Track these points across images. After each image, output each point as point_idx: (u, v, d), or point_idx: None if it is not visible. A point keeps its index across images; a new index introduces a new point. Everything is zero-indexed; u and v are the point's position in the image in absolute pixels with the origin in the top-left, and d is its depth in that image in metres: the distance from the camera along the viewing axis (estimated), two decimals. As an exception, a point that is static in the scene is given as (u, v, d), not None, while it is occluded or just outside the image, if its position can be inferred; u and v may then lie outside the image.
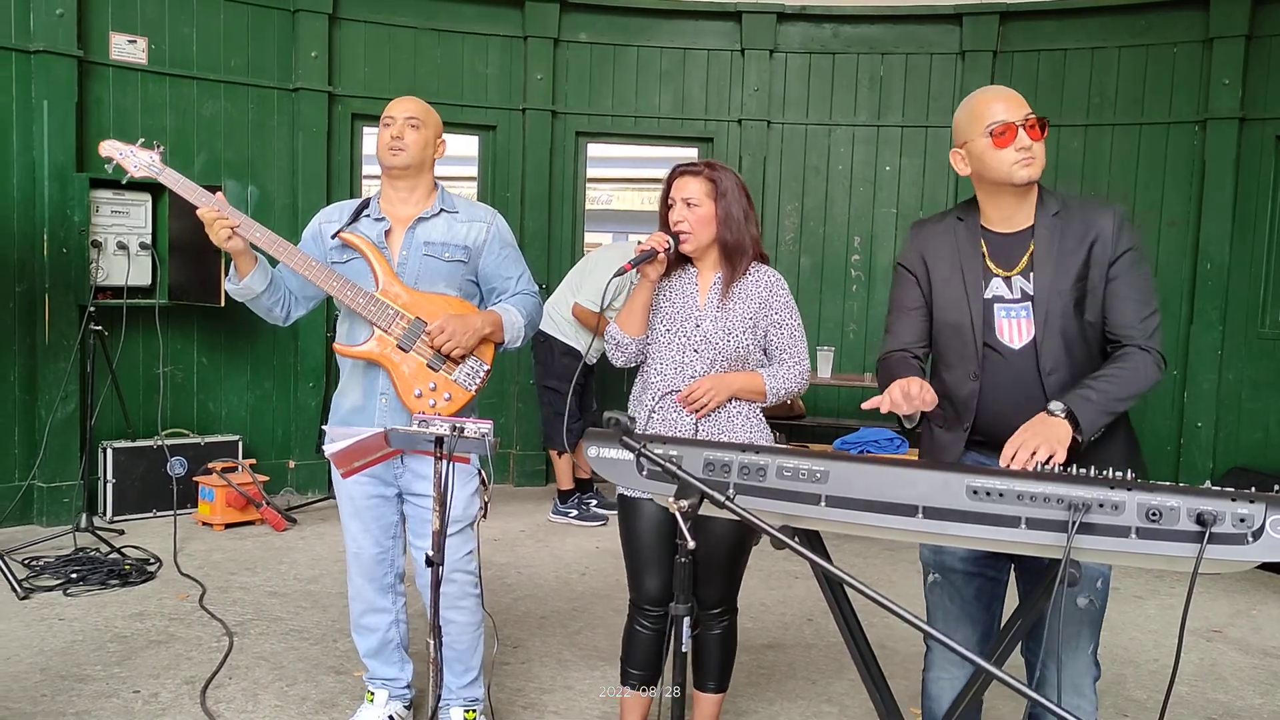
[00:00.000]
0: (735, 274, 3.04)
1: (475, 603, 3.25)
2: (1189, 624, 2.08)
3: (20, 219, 5.57)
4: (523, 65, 7.11)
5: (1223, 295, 6.42)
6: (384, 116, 3.19)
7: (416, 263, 3.16)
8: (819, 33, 7.29)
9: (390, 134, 3.14)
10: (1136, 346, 2.43)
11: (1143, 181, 6.73)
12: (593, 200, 8.65)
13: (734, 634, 3.24)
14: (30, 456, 5.68)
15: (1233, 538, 1.92)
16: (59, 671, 3.78)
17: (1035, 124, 2.44)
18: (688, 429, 3.00)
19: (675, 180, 3.05)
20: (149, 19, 6.04)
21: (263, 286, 3.12)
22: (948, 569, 2.68)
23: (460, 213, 3.25)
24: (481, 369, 3.19)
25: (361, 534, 3.27)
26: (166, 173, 3.10)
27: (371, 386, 3.17)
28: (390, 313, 3.09)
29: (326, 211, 3.32)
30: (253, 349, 6.43)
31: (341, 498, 3.28)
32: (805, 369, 3.11)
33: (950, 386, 2.57)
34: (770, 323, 3.06)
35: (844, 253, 7.37)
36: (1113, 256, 2.47)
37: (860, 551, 5.43)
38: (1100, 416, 2.34)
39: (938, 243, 2.62)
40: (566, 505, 6.31)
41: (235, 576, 4.94)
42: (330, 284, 3.07)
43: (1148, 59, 6.68)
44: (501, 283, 3.30)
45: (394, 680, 3.40)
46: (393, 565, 3.33)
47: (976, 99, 2.52)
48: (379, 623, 3.35)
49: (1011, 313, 2.52)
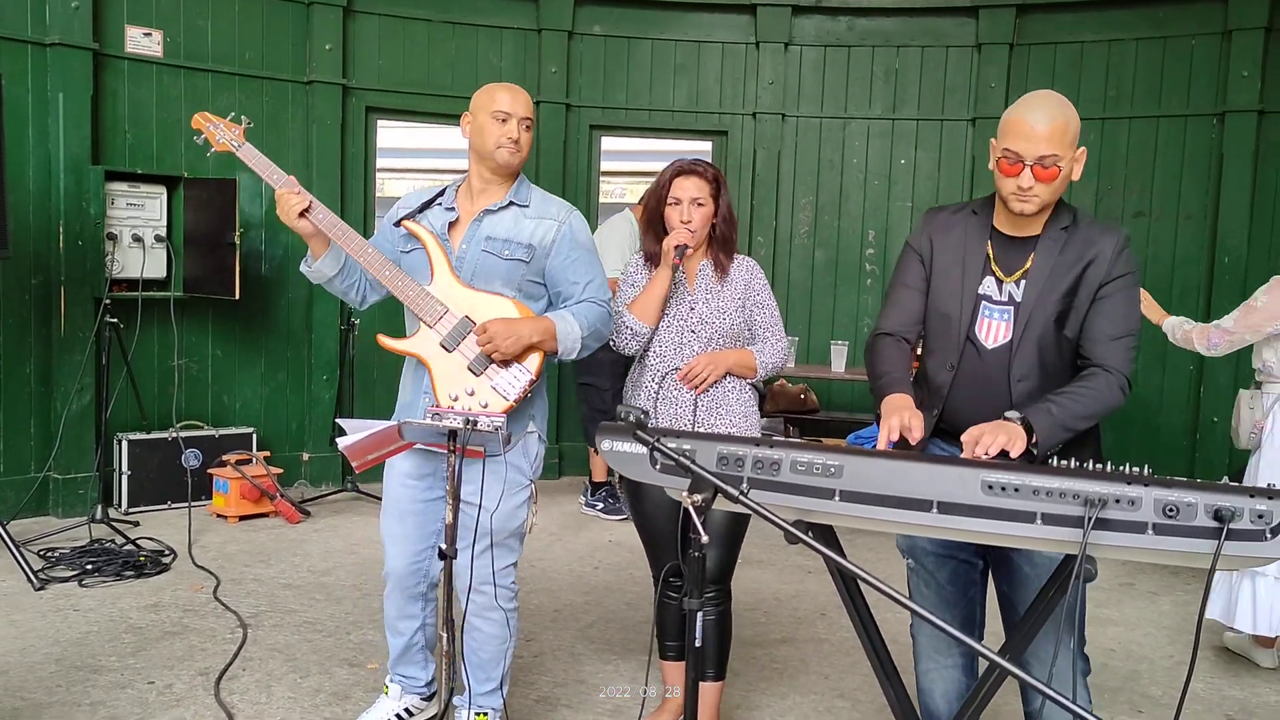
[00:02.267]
0: (728, 261, 3.30)
1: (504, 616, 3.12)
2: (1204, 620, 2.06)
3: (36, 212, 5.59)
4: (537, 58, 7.10)
5: (1240, 289, 6.33)
6: (497, 110, 3.00)
7: (475, 258, 3.02)
8: (834, 26, 7.26)
9: (507, 134, 2.99)
10: (1102, 368, 2.46)
11: (1160, 175, 6.68)
12: (606, 193, 8.62)
13: (729, 619, 3.33)
14: (46, 448, 5.70)
15: (1251, 534, 1.91)
16: (74, 662, 3.79)
17: (1046, 168, 2.40)
18: (688, 405, 3.20)
19: (676, 180, 3.25)
20: (164, 12, 6.05)
21: (334, 270, 3.08)
22: (920, 554, 2.72)
23: (531, 207, 3.08)
24: (525, 378, 2.98)
25: (403, 538, 3.16)
26: (245, 148, 3.14)
27: (419, 384, 3.08)
28: (438, 309, 2.97)
29: (405, 198, 3.22)
30: (267, 342, 6.45)
31: (388, 498, 3.18)
32: (785, 345, 3.37)
33: (929, 371, 2.64)
34: (754, 304, 3.32)
35: (859, 247, 7.35)
36: (1105, 279, 2.48)
37: (873, 546, 5.40)
38: (1058, 431, 2.36)
39: (947, 232, 2.65)
40: (595, 498, 6.32)
41: (249, 568, 4.96)
42: (383, 273, 2.99)
43: (1165, 51, 6.63)
44: (568, 287, 3.08)
45: (413, 679, 3.34)
46: (428, 576, 3.22)
47: (1014, 111, 2.47)
48: (408, 628, 3.28)
49: (993, 314, 2.55)
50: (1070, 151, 2.44)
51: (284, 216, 2.98)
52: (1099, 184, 6.81)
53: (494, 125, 3.01)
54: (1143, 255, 6.59)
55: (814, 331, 7.26)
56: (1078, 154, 2.48)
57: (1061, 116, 2.42)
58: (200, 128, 3.20)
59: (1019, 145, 2.41)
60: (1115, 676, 4.08)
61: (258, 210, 6.32)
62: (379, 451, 2.78)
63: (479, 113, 3.04)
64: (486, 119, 3.02)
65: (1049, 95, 2.52)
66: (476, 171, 3.09)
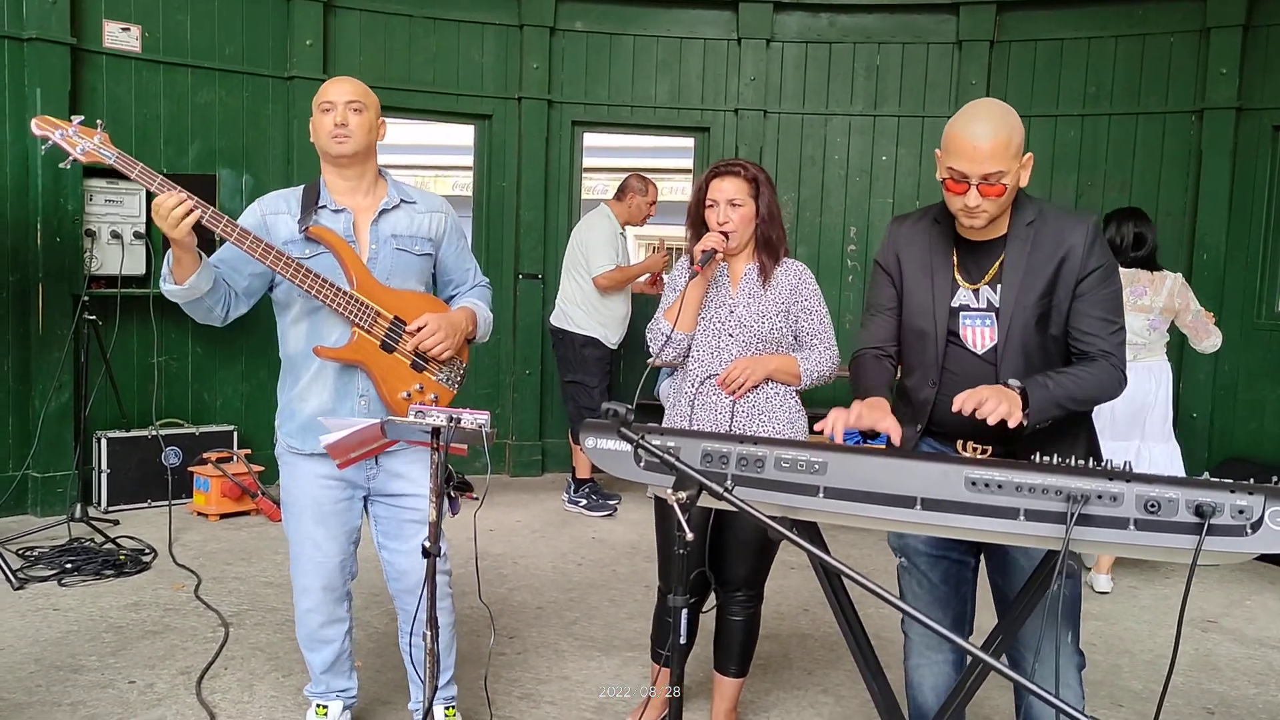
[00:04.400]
0: (773, 263, 3.19)
1: (451, 603, 3.19)
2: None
3: (13, 208, 5.54)
4: (519, 54, 7.08)
5: (1219, 286, 6.41)
6: (321, 101, 2.97)
7: (389, 258, 3.00)
8: (815, 22, 7.27)
9: (333, 120, 2.93)
10: (1103, 354, 2.46)
11: (1139, 172, 6.72)
12: (589, 190, 8.62)
13: (757, 621, 3.33)
14: (24, 446, 5.65)
15: (1232, 529, 1.92)
16: (54, 662, 3.77)
17: (991, 185, 2.37)
18: (726, 410, 3.12)
19: (713, 181, 3.17)
20: (143, 7, 6.00)
21: (209, 285, 2.84)
22: (912, 552, 2.72)
23: (419, 203, 3.11)
24: (461, 367, 3.12)
25: (328, 540, 3.04)
26: (121, 156, 2.76)
27: (346, 388, 2.99)
28: (371, 312, 2.92)
29: (269, 202, 3.01)
30: (247, 339, 6.41)
31: (303, 503, 3.04)
32: (835, 353, 3.25)
33: (910, 389, 2.65)
34: (801, 309, 3.20)
35: (840, 243, 7.37)
36: (1081, 274, 2.47)
37: (855, 543, 5.43)
38: (1051, 407, 2.36)
39: (912, 243, 2.64)
40: (578, 494, 6.31)
41: (230, 567, 4.93)
42: (306, 281, 2.84)
43: (1144, 49, 6.67)
44: (460, 274, 3.19)
45: (346, 690, 3.24)
46: (350, 573, 3.14)
47: (956, 126, 2.41)
48: (337, 634, 3.15)
49: (976, 321, 2.55)
50: (1015, 163, 2.39)
51: (172, 229, 2.66)
52: (1079, 180, 6.85)
53: (321, 118, 2.97)
54: (1122, 251, 6.64)
55: (796, 328, 7.26)
56: (1024, 161, 2.43)
57: (1004, 131, 2.36)
58: (46, 135, 2.73)
59: (962, 165, 2.38)
60: (1096, 670, 4.11)
61: (238, 205, 6.28)
62: (362, 449, 2.76)
63: (314, 112, 3.00)
64: (317, 115, 2.99)
65: (989, 109, 2.43)
66: (330, 170, 3.03)
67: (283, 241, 2.92)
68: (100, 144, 2.76)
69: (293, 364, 3.06)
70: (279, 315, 3.08)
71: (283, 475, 3.13)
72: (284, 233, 2.95)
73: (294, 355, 3.04)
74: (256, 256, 2.82)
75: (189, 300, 2.86)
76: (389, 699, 3.60)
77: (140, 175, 2.75)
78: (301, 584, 3.11)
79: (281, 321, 3.07)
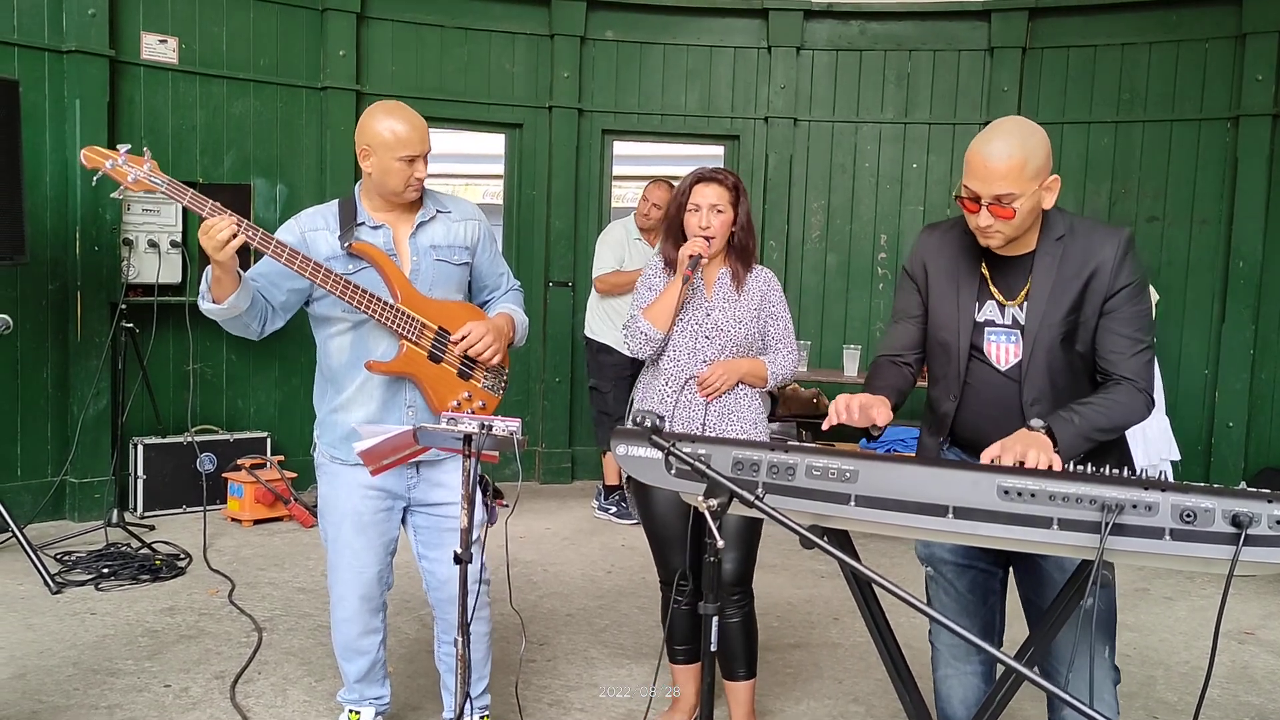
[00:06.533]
0: (746, 270, 3.34)
1: (490, 613, 3.22)
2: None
3: (53, 217, 5.63)
4: (549, 63, 7.11)
5: (1255, 294, 6.33)
6: (403, 153, 2.89)
7: (430, 269, 3.03)
8: (846, 30, 7.26)
9: (416, 175, 2.93)
10: (1127, 379, 2.41)
11: (1174, 179, 6.65)
12: (619, 198, 8.64)
13: (754, 619, 3.38)
14: (62, 452, 5.73)
15: (1269, 539, 1.90)
16: (91, 665, 3.81)
17: (1003, 206, 2.32)
18: (700, 411, 3.26)
19: (696, 186, 3.29)
20: (179, 19, 6.08)
21: (247, 304, 2.89)
22: (939, 562, 2.70)
23: (453, 211, 3.13)
24: (505, 373, 3.18)
25: (366, 550, 3.07)
26: (170, 184, 2.82)
27: (394, 399, 3.03)
28: (417, 324, 2.97)
29: (306, 219, 3.02)
30: (281, 346, 6.47)
31: (343, 512, 3.07)
32: (796, 356, 3.43)
33: (933, 400, 2.64)
34: (768, 315, 3.35)
35: (870, 251, 7.34)
36: (1110, 291, 2.42)
37: (885, 551, 5.40)
38: (1079, 441, 2.31)
39: (940, 254, 2.61)
40: (608, 502, 6.32)
41: (264, 572, 4.98)
42: (353, 296, 2.87)
43: (1179, 55, 6.60)
44: (495, 280, 3.24)
45: (380, 698, 3.27)
46: (387, 584, 3.18)
47: (974, 143, 2.37)
48: (372, 644, 3.19)
49: (1001, 337, 2.51)
50: (1031, 186, 2.32)
51: (217, 249, 2.74)
52: (1113, 188, 6.79)
53: (400, 166, 2.91)
54: (1156, 261, 6.58)
55: (826, 336, 7.26)
56: (1048, 183, 2.37)
57: (1020, 153, 2.30)
58: (97, 166, 2.77)
59: (975, 184, 2.34)
60: (1130, 682, 4.06)
61: (272, 214, 6.35)
62: (395, 456, 2.78)
63: (381, 153, 2.90)
64: (391, 162, 2.90)
65: (1011, 128, 2.38)
66: (384, 201, 3.01)
67: (324, 258, 2.93)
68: (150, 172, 2.80)
69: (335, 376, 3.07)
70: (318, 329, 3.09)
71: (322, 484, 3.15)
72: (325, 249, 2.96)
73: (336, 368, 3.06)
74: (307, 275, 2.85)
75: (227, 318, 2.92)
76: (420, 704, 3.61)
77: (191, 201, 2.81)
78: (338, 593, 3.15)
79: (321, 335, 3.09)
